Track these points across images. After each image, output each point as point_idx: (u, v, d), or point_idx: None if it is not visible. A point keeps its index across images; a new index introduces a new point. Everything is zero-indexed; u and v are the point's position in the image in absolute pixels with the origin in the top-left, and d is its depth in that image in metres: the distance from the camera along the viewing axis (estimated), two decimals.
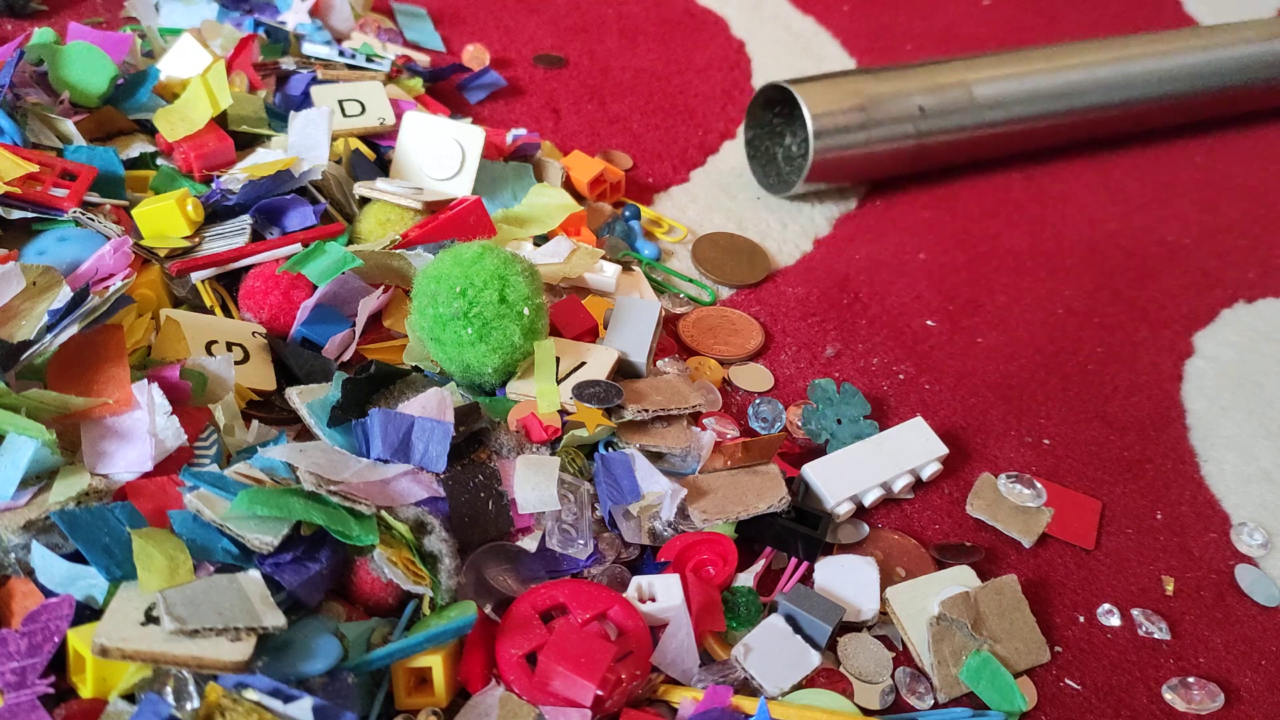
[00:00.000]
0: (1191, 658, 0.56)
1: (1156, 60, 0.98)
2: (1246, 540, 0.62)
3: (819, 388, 0.65)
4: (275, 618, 0.43)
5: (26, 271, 0.55)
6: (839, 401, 0.64)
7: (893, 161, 0.87)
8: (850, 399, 0.65)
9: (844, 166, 0.84)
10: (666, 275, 0.76)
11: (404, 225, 0.67)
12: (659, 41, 1.07)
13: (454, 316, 0.55)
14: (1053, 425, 0.69)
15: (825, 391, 0.65)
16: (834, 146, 0.82)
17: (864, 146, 0.84)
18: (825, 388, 0.65)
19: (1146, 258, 0.87)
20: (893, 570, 0.57)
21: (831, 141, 0.82)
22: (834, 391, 0.65)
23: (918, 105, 0.84)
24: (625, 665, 0.47)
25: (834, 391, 0.65)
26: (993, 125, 0.90)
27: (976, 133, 0.90)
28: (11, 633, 0.42)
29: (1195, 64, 1.00)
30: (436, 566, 0.48)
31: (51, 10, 0.93)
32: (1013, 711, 0.51)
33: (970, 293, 0.80)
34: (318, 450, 0.50)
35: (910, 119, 0.85)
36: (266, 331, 0.60)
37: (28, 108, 0.68)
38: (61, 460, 0.48)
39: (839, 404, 0.64)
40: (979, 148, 0.92)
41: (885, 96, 0.84)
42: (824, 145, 0.82)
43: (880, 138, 0.84)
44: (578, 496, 0.53)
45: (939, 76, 0.88)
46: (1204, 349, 0.77)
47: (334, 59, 0.85)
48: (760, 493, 0.56)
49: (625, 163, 0.88)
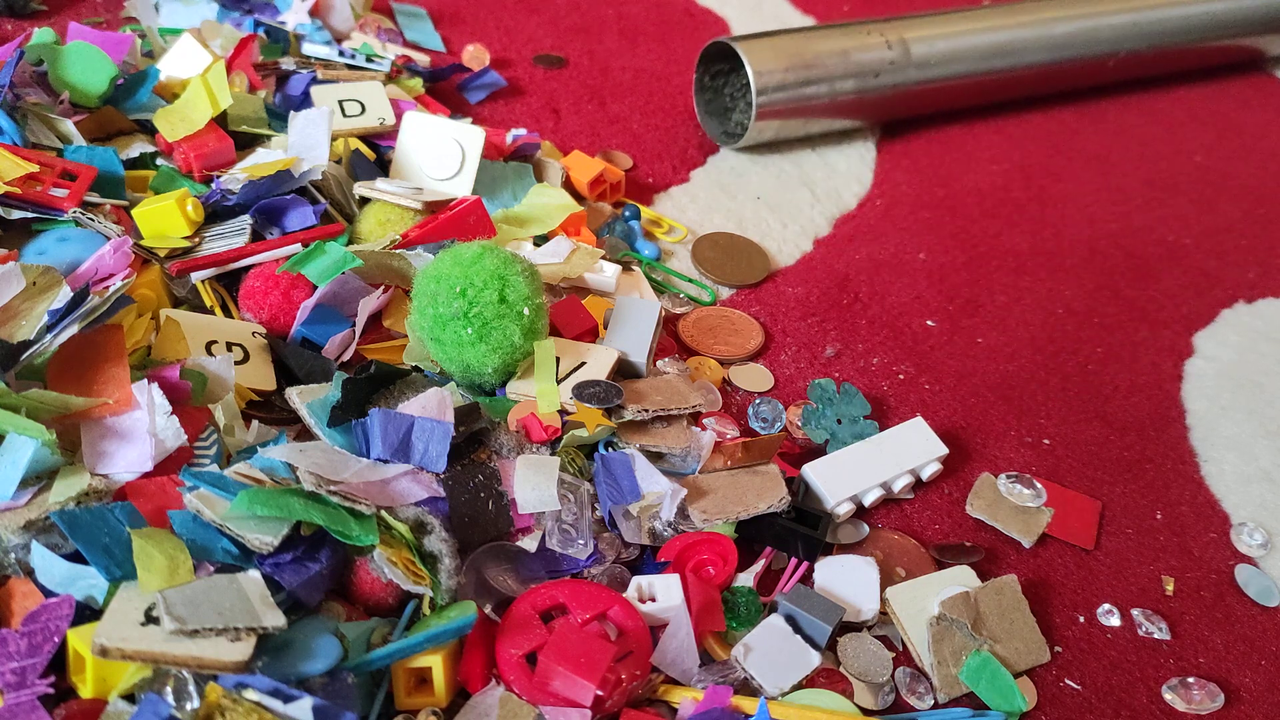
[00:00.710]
0: (1191, 658, 0.56)
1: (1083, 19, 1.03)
2: (1246, 540, 0.62)
3: (819, 388, 0.65)
4: (275, 618, 0.43)
5: (26, 271, 0.55)
6: (839, 401, 0.64)
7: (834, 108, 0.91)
8: (850, 399, 0.65)
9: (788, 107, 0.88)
10: (666, 275, 0.76)
11: (404, 225, 0.67)
12: (659, 41, 1.07)
13: (454, 316, 0.55)
14: (1053, 425, 0.69)
15: (825, 391, 0.65)
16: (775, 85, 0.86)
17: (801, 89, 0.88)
18: (825, 388, 0.65)
19: (1146, 258, 0.87)
20: (893, 570, 0.57)
21: (773, 79, 0.86)
22: (834, 391, 0.65)
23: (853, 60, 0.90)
24: (625, 665, 0.47)
25: (834, 391, 0.65)
26: (926, 81, 0.95)
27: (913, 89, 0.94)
28: (11, 633, 0.42)
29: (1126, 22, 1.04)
30: (436, 566, 0.48)
31: (51, 10, 0.93)
32: (1013, 711, 0.51)
33: (970, 293, 0.80)
34: (318, 450, 0.50)
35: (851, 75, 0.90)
36: (266, 331, 0.60)
37: (28, 108, 0.68)
38: (61, 460, 0.48)
39: (839, 404, 0.64)
40: (919, 100, 0.96)
41: (824, 53, 0.89)
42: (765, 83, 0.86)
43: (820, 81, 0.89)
44: (578, 496, 0.53)
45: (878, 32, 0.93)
46: (1204, 349, 0.77)
47: (334, 59, 0.85)
48: (760, 493, 0.56)
49: (625, 163, 0.88)
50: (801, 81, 0.87)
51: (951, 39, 0.95)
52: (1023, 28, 0.99)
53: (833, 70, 0.89)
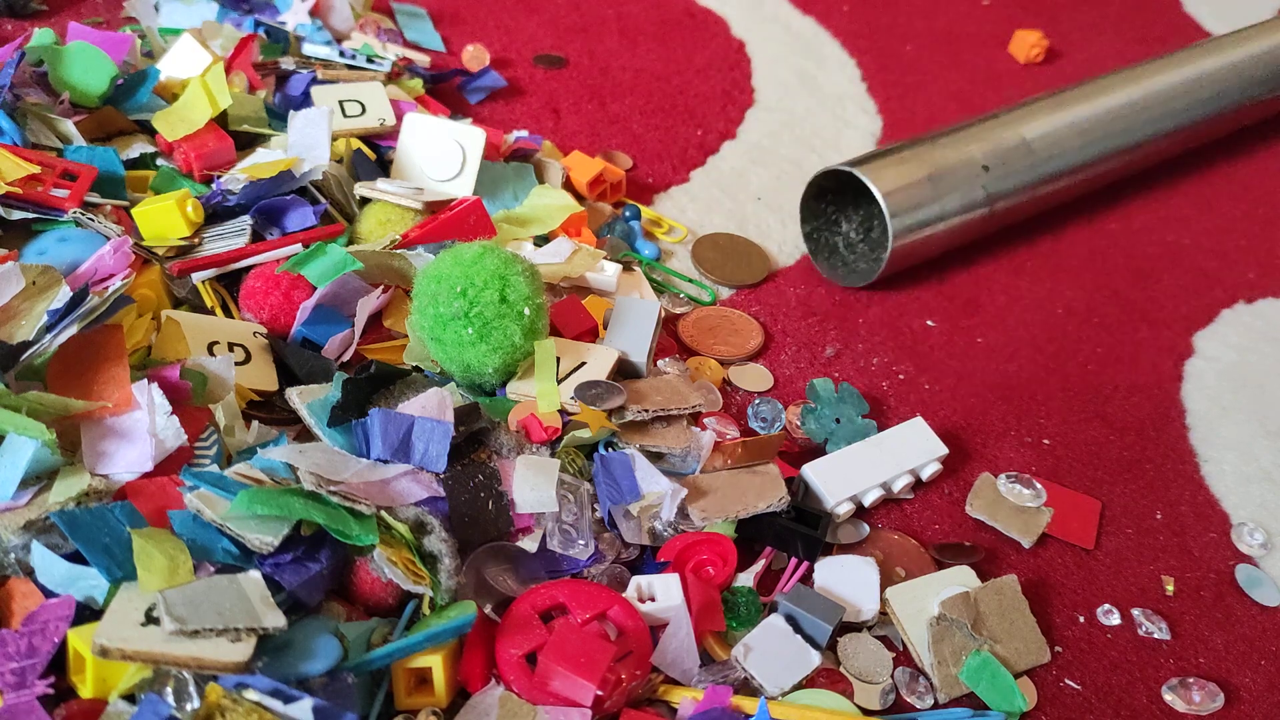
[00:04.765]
0: (1191, 658, 0.56)
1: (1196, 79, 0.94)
2: (1246, 540, 0.62)
3: (818, 388, 0.65)
4: (275, 618, 0.43)
5: (26, 271, 0.55)
6: (838, 401, 0.64)
7: (966, 230, 0.80)
8: (849, 399, 0.65)
9: (921, 246, 0.77)
10: (666, 275, 0.76)
11: (404, 225, 0.67)
12: (659, 41, 1.07)
13: (454, 316, 0.55)
14: (1053, 425, 0.69)
15: (824, 391, 0.65)
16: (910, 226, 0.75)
17: (938, 220, 0.76)
18: (824, 388, 0.65)
19: (1146, 258, 0.87)
20: (893, 570, 0.57)
21: (909, 220, 0.75)
22: (833, 391, 0.65)
23: (980, 164, 0.78)
24: (625, 665, 0.47)
25: (833, 391, 0.65)
26: (1055, 176, 0.84)
27: (1040, 189, 0.83)
28: (11, 633, 0.42)
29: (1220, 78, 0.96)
30: (436, 566, 0.48)
31: (51, 10, 0.93)
32: (1013, 711, 0.51)
33: (970, 293, 0.80)
34: (318, 450, 0.50)
35: (977, 178, 0.78)
36: (267, 332, 0.60)
37: (28, 108, 0.68)
38: (61, 460, 0.48)
39: (838, 404, 0.64)
40: (1045, 201, 0.85)
41: (949, 161, 0.77)
42: (901, 225, 0.74)
43: (954, 208, 0.77)
44: (578, 497, 0.53)
45: (992, 131, 0.82)
46: (1204, 349, 0.77)
47: (334, 59, 0.85)
48: (760, 492, 0.56)
49: (625, 163, 0.88)
50: None
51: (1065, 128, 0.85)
52: None
53: None
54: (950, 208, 0.77)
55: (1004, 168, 0.80)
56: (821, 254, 0.80)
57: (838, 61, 1.09)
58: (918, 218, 0.75)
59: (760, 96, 1.01)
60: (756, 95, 1.01)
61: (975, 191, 0.78)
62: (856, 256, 0.80)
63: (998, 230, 0.84)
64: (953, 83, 1.08)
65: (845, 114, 1.00)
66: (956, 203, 0.77)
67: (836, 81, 1.05)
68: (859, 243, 0.80)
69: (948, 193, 0.77)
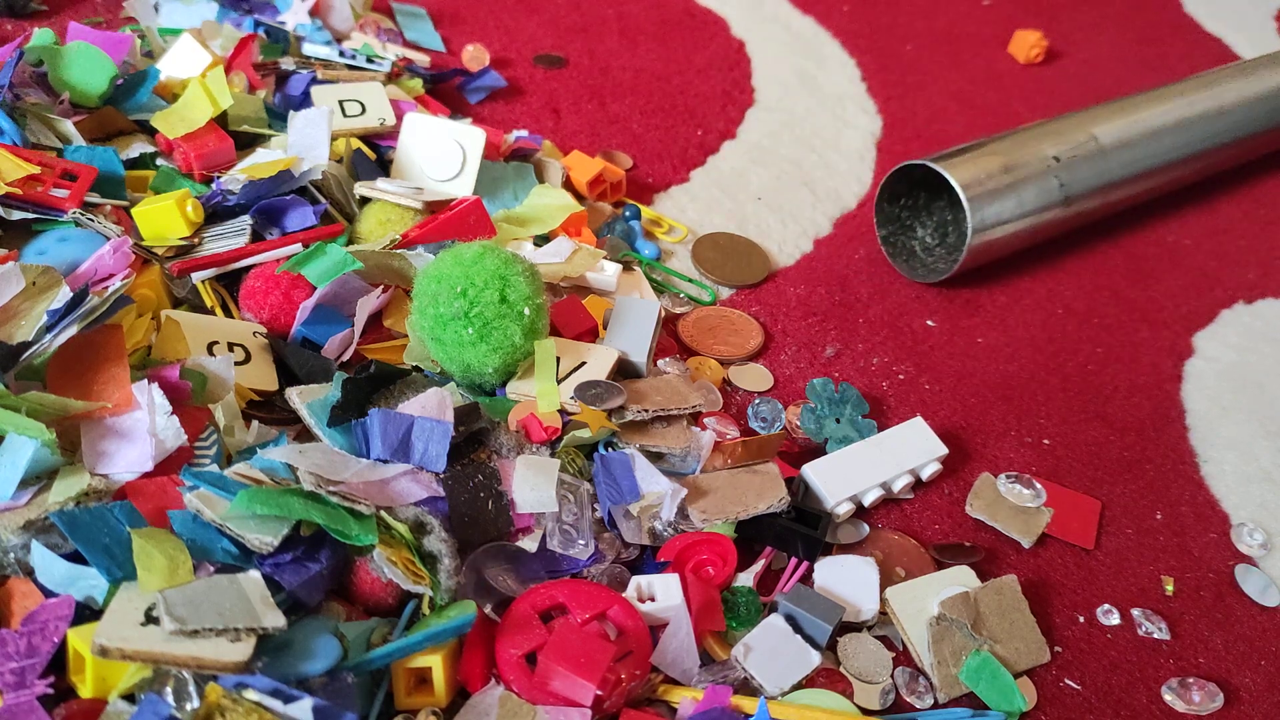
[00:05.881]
0: (1191, 658, 0.56)
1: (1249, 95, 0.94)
2: (1246, 540, 0.62)
3: (818, 388, 0.65)
4: (275, 618, 0.43)
5: (26, 271, 0.55)
6: (838, 401, 0.64)
7: (1042, 228, 0.81)
8: (849, 399, 0.65)
9: (998, 245, 0.79)
10: (666, 275, 0.76)
11: (404, 225, 0.67)
12: (659, 41, 1.07)
13: (454, 316, 0.55)
14: (1053, 425, 0.69)
15: (824, 391, 0.65)
16: (990, 222, 0.76)
17: (1016, 216, 0.77)
18: (824, 388, 0.65)
19: (1146, 258, 0.87)
20: (893, 570, 0.57)
21: (988, 214, 0.76)
22: (833, 391, 0.65)
23: (1051, 155, 0.79)
24: (625, 665, 0.47)
25: (833, 391, 0.65)
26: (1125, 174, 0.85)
27: (1114, 190, 0.84)
28: (11, 633, 0.42)
29: None
30: (436, 566, 0.48)
31: (51, 10, 0.93)
32: (1013, 711, 0.51)
33: (970, 293, 0.80)
34: (318, 451, 0.50)
35: (1050, 170, 0.79)
36: (267, 331, 0.60)
37: (28, 108, 0.68)
38: (61, 460, 0.48)
39: (838, 404, 0.64)
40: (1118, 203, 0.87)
41: (1022, 155, 0.78)
42: (981, 220, 0.75)
43: (1031, 204, 0.78)
44: (578, 497, 0.53)
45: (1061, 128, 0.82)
46: (1204, 349, 0.77)
47: (334, 59, 0.85)
48: (760, 493, 0.56)
49: (625, 163, 0.88)
50: None
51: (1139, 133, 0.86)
52: None
53: None
54: (1028, 205, 0.78)
55: (1076, 169, 0.81)
56: (900, 257, 0.81)
57: (838, 61, 1.09)
58: (995, 215, 0.77)
59: (760, 96, 1.01)
60: (756, 95, 1.01)
61: (1051, 192, 0.79)
62: (935, 259, 0.81)
63: (1073, 231, 0.86)
64: (953, 83, 1.08)
65: (845, 114, 1.00)
66: (1032, 202, 0.79)
67: (836, 81, 1.05)
68: (936, 246, 0.82)
69: (1024, 189, 0.78)
